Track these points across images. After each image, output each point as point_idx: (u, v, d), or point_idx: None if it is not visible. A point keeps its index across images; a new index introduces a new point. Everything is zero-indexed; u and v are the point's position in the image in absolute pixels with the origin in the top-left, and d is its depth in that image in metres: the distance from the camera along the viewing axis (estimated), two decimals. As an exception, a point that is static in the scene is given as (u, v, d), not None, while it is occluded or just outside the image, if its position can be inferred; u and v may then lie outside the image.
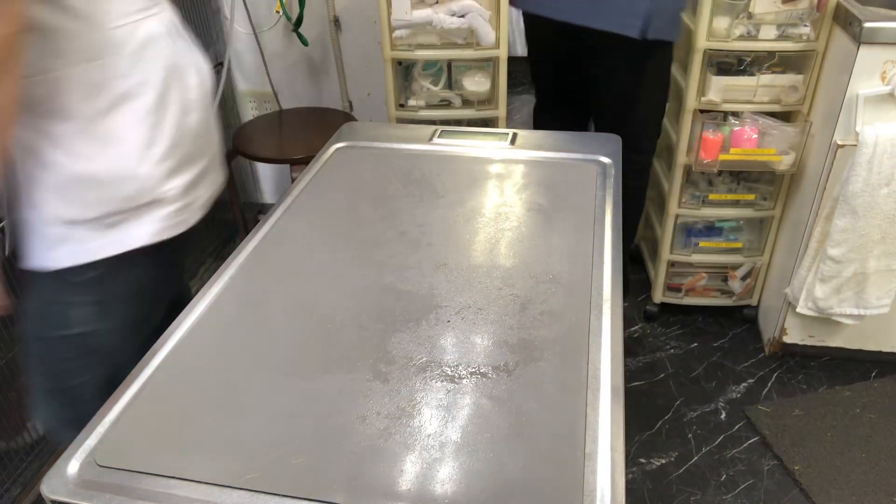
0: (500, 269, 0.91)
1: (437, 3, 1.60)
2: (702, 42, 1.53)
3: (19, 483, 1.44)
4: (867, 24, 1.35)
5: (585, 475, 0.63)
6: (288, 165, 1.95)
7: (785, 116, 1.64)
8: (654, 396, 1.74)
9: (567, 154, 1.20)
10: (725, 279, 1.92)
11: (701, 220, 1.82)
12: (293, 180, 1.17)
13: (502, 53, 1.63)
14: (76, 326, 0.92)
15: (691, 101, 1.61)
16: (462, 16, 1.59)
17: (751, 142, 1.59)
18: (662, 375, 1.81)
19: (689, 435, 1.63)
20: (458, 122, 1.76)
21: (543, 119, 1.93)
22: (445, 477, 0.63)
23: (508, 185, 1.11)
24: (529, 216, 1.03)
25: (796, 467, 1.52)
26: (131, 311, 0.97)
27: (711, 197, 1.76)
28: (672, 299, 1.96)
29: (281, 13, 2.11)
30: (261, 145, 1.93)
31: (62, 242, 0.86)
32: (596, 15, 1.45)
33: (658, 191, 1.99)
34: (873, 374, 1.79)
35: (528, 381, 0.73)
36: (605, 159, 1.18)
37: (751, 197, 1.76)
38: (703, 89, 1.59)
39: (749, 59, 1.59)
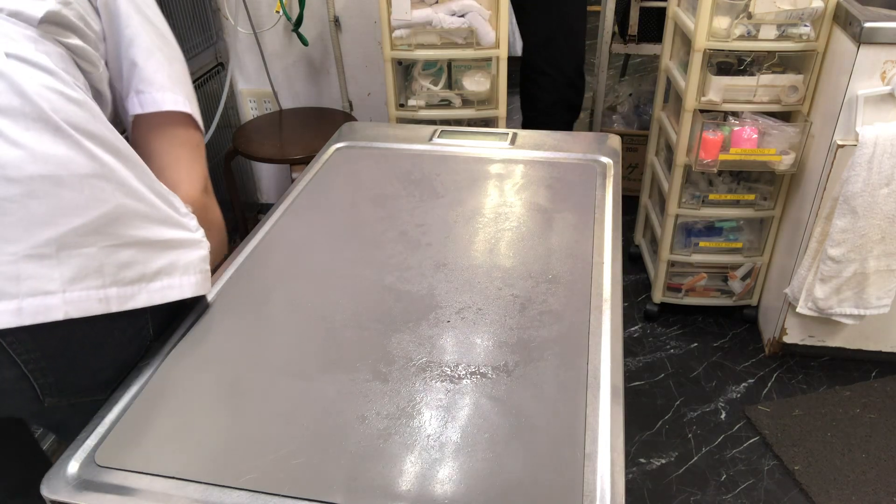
0: (500, 269, 0.91)
1: (436, 2, 1.60)
2: (702, 42, 1.53)
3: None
4: (867, 24, 1.35)
5: (585, 475, 0.63)
6: (288, 165, 1.95)
7: (785, 116, 1.64)
8: (654, 396, 1.74)
9: (567, 154, 1.20)
10: (725, 279, 1.92)
11: (701, 220, 1.82)
12: (293, 180, 1.17)
13: (502, 53, 1.63)
14: None
15: (691, 101, 1.61)
16: (462, 15, 1.59)
17: (751, 142, 1.58)
18: (662, 375, 1.81)
19: (689, 435, 1.63)
20: (458, 122, 1.76)
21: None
22: (445, 477, 0.63)
23: (508, 185, 1.11)
24: (529, 216, 1.03)
25: (796, 467, 1.52)
26: None
27: (711, 197, 1.76)
28: (672, 299, 1.96)
29: (281, 13, 2.11)
30: (261, 145, 1.93)
31: None
32: None
33: (658, 190, 1.99)
34: (873, 374, 1.79)
35: (528, 381, 0.73)
36: (605, 159, 1.18)
37: (751, 197, 1.76)
38: (703, 89, 1.59)
39: (749, 59, 1.59)
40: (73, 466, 0.66)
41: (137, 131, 0.87)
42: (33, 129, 0.67)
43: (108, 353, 0.76)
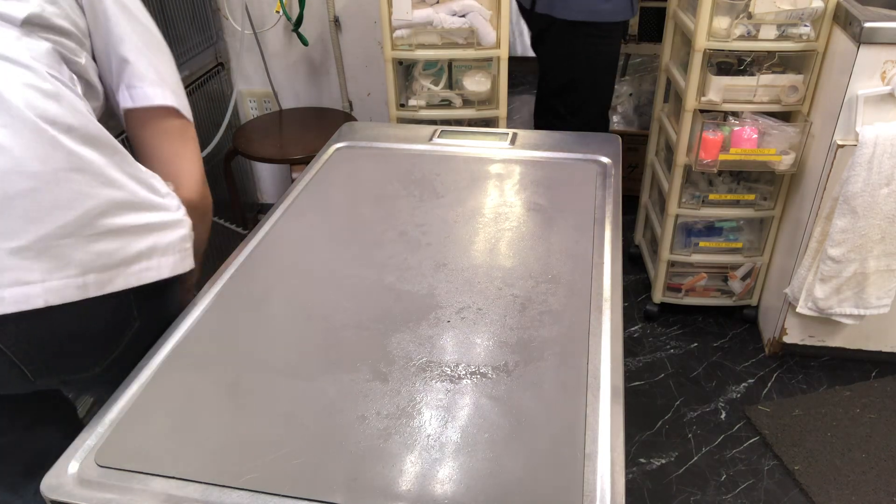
0: (500, 269, 0.91)
1: (437, 2, 1.60)
2: (702, 42, 1.53)
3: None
4: (867, 24, 1.35)
5: (585, 475, 0.63)
6: (288, 165, 1.95)
7: (785, 116, 1.64)
8: (654, 396, 1.74)
9: (567, 154, 1.20)
10: (725, 279, 1.92)
11: (701, 220, 1.82)
12: (293, 180, 1.17)
13: (503, 53, 1.63)
14: None
15: (691, 101, 1.61)
16: (463, 15, 1.59)
17: (751, 142, 1.58)
18: (662, 375, 1.81)
19: (689, 435, 1.63)
20: (459, 122, 1.76)
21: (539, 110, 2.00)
22: (445, 477, 0.63)
23: (508, 185, 1.11)
24: (529, 216, 1.03)
25: (796, 467, 1.52)
26: None
27: (711, 197, 1.76)
28: (672, 299, 1.96)
29: (281, 13, 2.11)
30: (261, 145, 1.93)
31: None
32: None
33: (658, 190, 1.99)
34: (873, 374, 1.79)
35: (528, 381, 0.73)
36: (605, 159, 1.18)
37: (751, 197, 1.76)
38: (703, 89, 1.59)
39: (749, 59, 1.59)
40: (73, 466, 0.66)
41: (131, 125, 0.89)
42: (9, 127, 0.69)
43: (91, 337, 0.78)
